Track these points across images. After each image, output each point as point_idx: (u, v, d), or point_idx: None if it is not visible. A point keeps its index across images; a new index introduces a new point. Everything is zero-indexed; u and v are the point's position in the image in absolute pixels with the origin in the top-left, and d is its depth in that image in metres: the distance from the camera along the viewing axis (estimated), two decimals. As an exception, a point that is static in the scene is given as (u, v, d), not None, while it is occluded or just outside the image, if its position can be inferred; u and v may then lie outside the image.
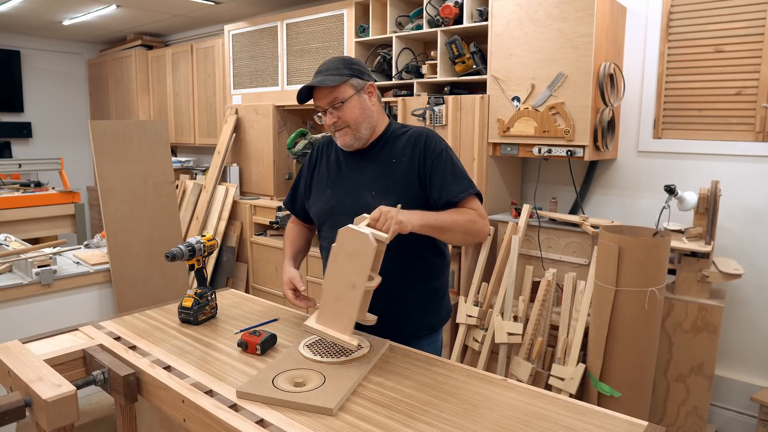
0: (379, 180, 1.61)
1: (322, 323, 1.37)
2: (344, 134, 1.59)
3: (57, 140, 6.54)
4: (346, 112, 1.57)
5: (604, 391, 2.32)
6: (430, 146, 1.60)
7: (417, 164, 1.59)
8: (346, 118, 1.57)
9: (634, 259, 2.21)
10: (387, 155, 1.63)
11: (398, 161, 1.61)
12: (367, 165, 1.64)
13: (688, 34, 2.81)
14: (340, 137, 1.61)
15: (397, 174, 1.59)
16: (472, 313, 2.90)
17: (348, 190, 1.65)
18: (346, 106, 1.56)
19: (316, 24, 3.94)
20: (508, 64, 2.94)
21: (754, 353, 2.76)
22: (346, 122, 1.57)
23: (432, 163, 1.58)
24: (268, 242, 4.16)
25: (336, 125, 1.58)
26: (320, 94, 1.56)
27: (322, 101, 1.57)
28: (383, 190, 1.59)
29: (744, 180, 2.71)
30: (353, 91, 1.57)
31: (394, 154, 1.62)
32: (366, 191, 1.61)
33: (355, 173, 1.66)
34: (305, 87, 1.56)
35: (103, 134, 2.77)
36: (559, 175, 3.27)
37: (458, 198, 1.54)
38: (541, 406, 1.19)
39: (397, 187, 1.58)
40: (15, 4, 4.71)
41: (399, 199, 1.53)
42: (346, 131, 1.59)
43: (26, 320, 2.41)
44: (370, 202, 1.57)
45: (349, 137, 1.60)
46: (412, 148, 1.61)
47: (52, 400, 1.16)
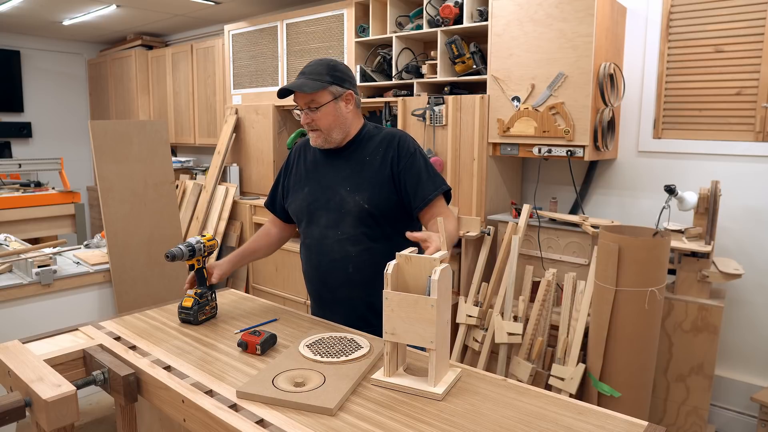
0: (354, 177, 1.70)
1: (442, 381, 1.28)
2: (317, 136, 1.69)
3: (57, 140, 6.54)
4: (320, 116, 1.65)
5: (604, 391, 2.32)
6: (403, 147, 1.69)
7: (389, 163, 1.68)
8: (319, 123, 1.66)
9: (634, 259, 2.21)
10: (361, 154, 1.72)
11: (371, 159, 1.70)
12: (342, 163, 1.73)
13: (688, 34, 2.81)
14: (312, 137, 1.70)
15: (370, 171, 1.69)
16: (472, 313, 2.90)
17: (324, 187, 1.73)
18: (320, 110, 1.64)
19: (316, 24, 3.94)
20: (508, 64, 2.94)
21: (754, 353, 2.76)
22: (319, 126, 1.66)
23: (405, 163, 1.67)
24: (268, 242, 4.16)
25: (310, 125, 1.67)
26: (299, 94, 1.64)
27: (300, 100, 1.65)
28: (357, 186, 1.68)
29: (744, 180, 2.71)
30: (330, 98, 1.65)
31: (368, 153, 1.71)
32: (341, 187, 1.70)
33: (330, 170, 1.74)
34: (284, 87, 1.63)
35: (103, 134, 2.77)
36: (559, 175, 3.27)
37: (431, 197, 1.65)
38: (541, 406, 1.19)
39: (370, 183, 1.67)
40: (15, 4, 4.71)
41: (372, 195, 1.66)
42: (318, 134, 1.68)
43: (26, 320, 2.41)
44: (344, 197, 1.68)
45: (321, 139, 1.69)
46: (385, 148, 1.70)
47: (52, 400, 1.16)
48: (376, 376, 1.29)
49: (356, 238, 1.67)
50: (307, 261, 1.79)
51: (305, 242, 1.78)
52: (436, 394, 1.22)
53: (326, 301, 1.79)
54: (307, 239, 1.76)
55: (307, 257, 1.79)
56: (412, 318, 1.22)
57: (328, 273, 1.73)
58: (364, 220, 1.66)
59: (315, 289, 1.82)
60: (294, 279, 3.97)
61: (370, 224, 1.67)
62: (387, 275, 1.26)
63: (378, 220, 1.67)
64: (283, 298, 4.04)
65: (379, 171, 1.68)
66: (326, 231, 1.70)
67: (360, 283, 1.68)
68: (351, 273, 1.68)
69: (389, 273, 1.26)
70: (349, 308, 1.73)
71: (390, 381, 1.27)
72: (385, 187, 1.67)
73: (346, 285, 1.70)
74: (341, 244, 1.68)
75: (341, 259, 1.68)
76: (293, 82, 1.63)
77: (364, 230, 1.66)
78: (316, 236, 1.73)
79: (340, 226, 1.68)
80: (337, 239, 1.68)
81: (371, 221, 1.67)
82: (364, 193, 1.66)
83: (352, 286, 1.70)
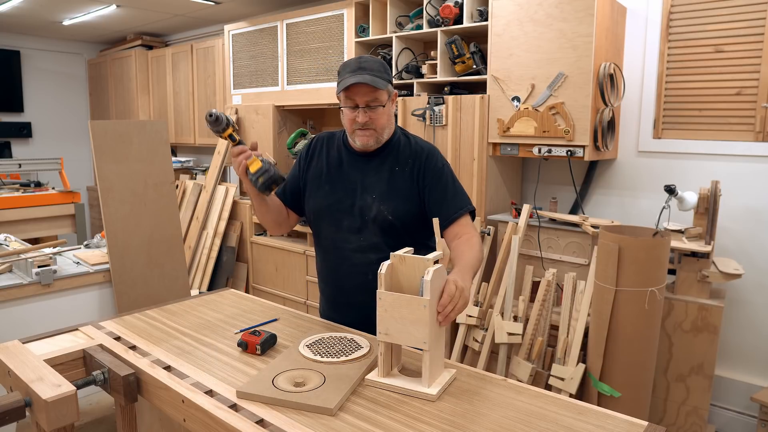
0: (382, 185, 1.65)
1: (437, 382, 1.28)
2: (368, 135, 1.61)
3: (57, 140, 6.54)
4: (378, 116, 1.60)
5: (604, 391, 2.32)
6: (431, 162, 1.66)
7: (417, 177, 1.65)
8: (376, 122, 1.60)
9: (634, 259, 2.21)
10: (392, 163, 1.68)
11: (401, 170, 1.66)
12: (372, 168, 1.68)
13: (688, 34, 2.81)
14: (362, 136, 1.61)
15: (399, 182, 1.65)
16: (472, 313, 2.90)
17: (348, 190, 1.67)
18: (380, 110, 1.59)
19: (316, 24, 3.94)
20: (508, 64, 2.94)
21: (754, 353, 2.76)
22: (375, 125, 1.60)
23: (431, 179, 1.65)
24: (268, 242, 4.16)
25: (365, 124, 1.59)
26: (362, 90, 1.56)
27: (360, 98, 1.57)
28: (385, 196, 1.64)
29: (744, 180, 2.71)
30: (387, 97, 1.61)
31: (399, 163, 1.67)
32: (367, 193, 1.65)
33: (357, 174, 1.68)
34: (360, 81, 1.53)
35: (103, 134, 2.77)
36: (559, 175, 3.27)
37: (455, 216, 1.63)
38: (541, 406, 1.19)
39: (397, 195, 1.64)
40: (15, 4, 4.71)
41: (398, 207, 1.63)
42: (371, 133, 1.61)
43: (26, 320, 2.41)
44: (369, 204, 1.64)
45: (372, 139, 1.62)
46: (415, 160, 1.67)
47: (52, 400, 1.16)
48: (370, 377, 1.29)
49: (378, 247, 1.63)
50: (324, 262, 1.76)
51: (321, 242, 1.74)
52: (430, 395, 1.21)
53: (340, 304, 1.75)
54: (325, 240, 1.72)
55: (323, 258, 1.76)
56: (406, 318, 1.22)
57: (346, 277, 1.69)
58: (387, 230, 1.63)
59: (330, 290, 1.78)
60: (294, 279, 3.98)
61: (392, 234, 1.64)
62: (380, 275, 1.26)
63: (399, 232, 1.65)
64: (283, 298, 4.04)
65: (407, 184, 1.65)
66: (347, 235, 1.66)
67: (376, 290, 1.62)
68: (370, 280, 1.62)
69: (383, 273, 1.26)
70: (364, 313, 1.65)
71: (383, 381, 1.27)
72: (410, 201, 1.65)
73: (363, 291, 1.65)
74: (363, 251, 1.65)
75: (361, 265, 1.65)
76: (363, 77, 1.53)
77: (387, 240, 1.63)
78: (335, 239, 1.69)
79: (362, 232, 1.64)
80: (359, 245, 1.65)
81: (393, 232, 1.64)
82: (391, 203, 1.63)
83: (369, 293, 1.59)
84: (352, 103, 1.58)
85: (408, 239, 1.64)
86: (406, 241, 1.60)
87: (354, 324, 1.66)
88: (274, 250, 4.12)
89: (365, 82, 1.52)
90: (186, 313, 1.76)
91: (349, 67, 1.58)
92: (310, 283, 3.83)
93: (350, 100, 1.58)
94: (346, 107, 1.60)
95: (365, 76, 1.53)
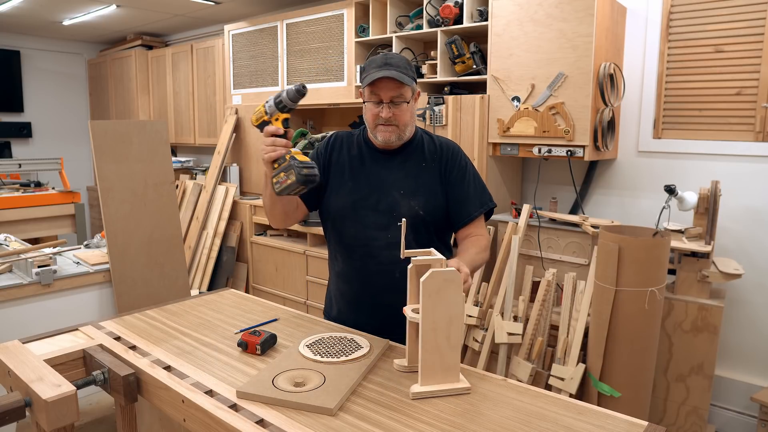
0: (408, 180, 1.65)
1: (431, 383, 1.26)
2: (390, 131, 1.60)
3: (57, 140, 6.54)
4: (402, 112, 1.59)
5: (604, 391, 2.31)
6: (456, 159, 1.69)
7: (442, 172, 1.67)
8: (400, 118, 1.59)
9: (634, 259, 2.21)
10: (417, 158, 1.68)
11: (427, 165, 1.67)
12: (396, 165, 1.67)
13: (688, 34, 2.81)
14: (384, 132, 1.60)
15: (425, 177, 1.66)
16: (472, 313, 2.90)
17: (373, 186, 1.65)
18: (404, 106, 1.58)
19: (316, 24, 3.94)
20: (508, 64, 2.94)
21: (754, 353, 2.76)
22: (398, 121, 1.59)
23: (455, 175, 1.67)
24: (268, 242, 4.16)
25: (389, 120, 1.58)
26: (387, 86, 1.55)
27: (385, 93, 1.55)
28: (412, 191, 1.63)
29: (744, 180, 2.71)
30: (411, 94, 1.60)
31: (424, 159, 1.68)
32: (394, 190, 1.63)
33: (382, 170, 1.66)
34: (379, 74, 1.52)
35: (103, 134, 2.77)
36: (559, 175, 3.27)
37: (475, 214, 1.67)
38: (541, 406, 1.19)
39: (425, 189, 1.64)
40: (15, 4, 4.71)
41: (428, 202, 1.63)
42: (394, 129, 1.60)
43: (26, 320, 2.41)
44: (398, 201, 1.62)
45: (395, 135, 1.61)
46: (440, 155, 1.68)
47: (52, 400, 1.16)
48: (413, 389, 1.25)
49: (407, 244, 1.56)
50: (347, 261, 1.70)
51: (343, 241, 1.68)
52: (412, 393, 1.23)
53: (364, 305, 1.69)
54: (347, 239, 1.67)
55: (346, 258, 1.69)
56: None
57: (374, 276, 1.65)
58: (416, 226, 1.61)
59: (354, 290, 1.71)
60: (294, 279, 3.97)
61: (420, 230, 1.62)
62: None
63: (428, 227, 1.64)
64: (283, 298, 4.04)
65: (434, 179, 1.66)
66: (374, 233, 1.62)
67: (404, 288, 1.51)
68: (398, 278, 1.57)
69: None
70: (388, 312, 1.59)
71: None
72: (438, 196, 1.65)
73: (390, 290, 1.60)
74: (391, 248, 1.60)
75: (389, 263, 1.59)
76: (390, 71, 1.52)
77: (415, 236, 1.61)
78: (361, 237, 1.64)
79: (390, 229, 1.61)
80: (387, 242, 1.61)
81: (422, 227, 1.63)
82: (420, 198, 1.62)
83: (396, 291, 1.56)
84: (376, 98, 1.56)
85: (434, 236, 1.66)
86: (432, 238, 1.64)
87: (378, 324, 1.62)
88: (274, 250, 4.12)
89: (392, 76, 1.51)
90: (186, 313, 1.76)
91: (375, 63, 1.56)
92: (310, 283, 3.83)
93: (375, 95, 1.56)
94: (370, 102, 1.58)
95: (392, 71, 1.52)
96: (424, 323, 1.23)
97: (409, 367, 1.35)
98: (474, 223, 1.67)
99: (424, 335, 1.23)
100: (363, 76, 1.58)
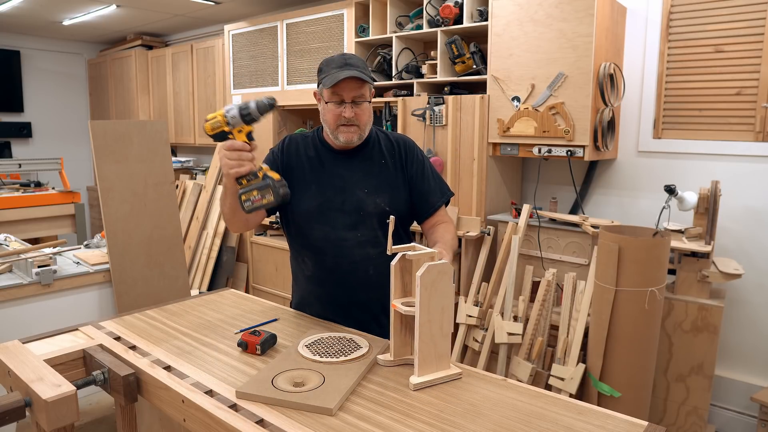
0: (370, 179, 1.68)
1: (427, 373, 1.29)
2: (352, 132, 1.62)
3: (57, 140, 6.54)
4: (363, 111, 1.62)
5: (604, 391, 2.32)
6: (411, 152, 1.74)
7: (401, 167, 1.72)
8: (361, 118, 1.62)
9: (634, 259, 2.21)
10: (376, 156, 1.71)
11: (386, 162, 1.71)
12: (356, 164, 1.70)
13: (688, 34, 2.81)
14: (346, 132, 1.62)
15: (387, 174, 1.70)
16: (472, 313, 2.90)
17: (337, 188, 1.67)
18: (365, 105, 1.61)
19: (316, 24, 3.94)
20: (508, 64, 2.94)
21: (754, 353, 2.76)
22: (359, 121, 1.61)
23: (416, 169, 1.72)
24: (268, 242, 4.16)
25: (351, 120, 1.60)
26: (350, 86, 1.56)
27: (348, 93, 1.57)
28: (376, 188, 1.67)
29: (744, 180, 2.71)
30: (369, 93, 1.63)
31: (383, 156, 1.71)
32: (357, 188, 1.67)
33: (343, 171, 1.69)
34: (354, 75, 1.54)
35: (103, 134, 2.77)
36: (559, 175, 3.27)
37: (438, 204, 1.74)
38: (541, 406, 1.19)
39: (389, 185, 1.69)
40: (15, 4, 4.71)
41: (392, 197, 1.67)
42: (355, 129, 1.62)
43: (26, 320, 2.41)
44: (363, 199, 1.66)
45: (356, 135, 1.63)
46: (399, 151, 1.73)
47: (52, 400, 1.16)
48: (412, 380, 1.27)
49: (376, 240, 1.65)
50: (318, 264, 1.71)
51: (313, 244, 1.69)
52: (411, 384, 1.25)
53: (341, 305, 1.72)
54: (317, 241, 1.67)
55: (317, 260, 1.70)
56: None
57: (348, 275, 1.68)
58: (384, 222, 1.62)
59: (328, 292, 1.73)
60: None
61: (387, 225, 1.63)
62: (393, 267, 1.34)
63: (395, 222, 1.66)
64: (283, 298, 4.04)
65: (395, 174, 1.70)
66: (344, 233, 1.64)
67: (377, 284, 1.62)
68: (371, 275, 1.66)
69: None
70: (364, 309, 1.69)
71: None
72: (401, 190, 1.70)
73: (365, 287, 1.67)
74: (362, 246, 1.65)
75: (361, 261, 1.65)
76: (353, 71, 1.54)
77: (384, 232, 1.63)
78: (331, 238, 1.65)
79: (359, 228, 1.65)
80: (357, 241, 1.65)
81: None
82: (384, 195, 1.66)
83: (371, 288, 1.67)
84: (338, 99, 1.58)
85: (401, 230, 1.71)
86: (399, 232, 1.68)
87: (354, 322, 1.66)
88: (274, 250, 4.12)
89: (357, 76, 1.53)
90: (186, 313, 1.76)
91: (334, 63, 1.58)
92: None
93: (337, 95, 1.58)
94: (332, 102, 1.59)
95: (354, 71, 1.55)
96: (421, 315, 1.25)
97: (394, 361, 1.37)
98: (438, 212, 1.73)
99: (421, 327, 1.25)
100: (322, 77, 1.60)
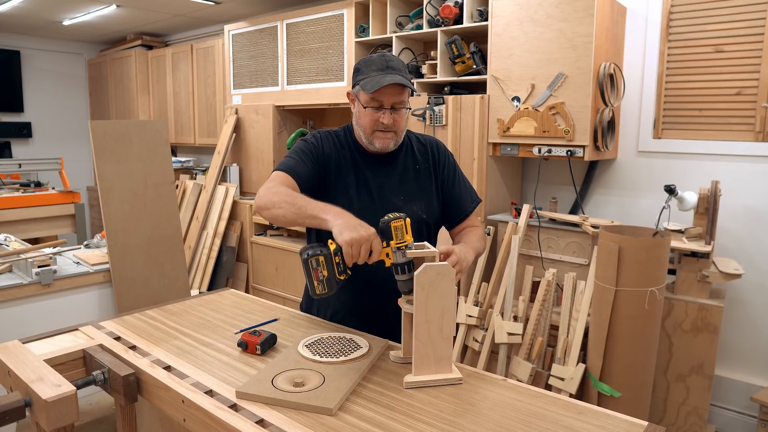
0: (406, 185, 1.64)
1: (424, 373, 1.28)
2: (389, 138, 1.56)
3: (57, 140, 6.54)
4: (401, 117, 1.56)
5: (604, 391, 2.31)
6: (443, 157, 1.70)
7: (433, 172, 1.67)
8: (399, 124, 1.56)
9: (634, 259, 2.21)
10: (410, 162, 1.67)
11: (421, 168, 1.67)
12: (391, 170, 1.64)
13: (688, 34, 2.81)
14: (383, 139, 1.56)
15: (421, 180, 1.66)
16: (472, 313, 2.90)
17: (373, 194, 1.61)
18: (403, 111, 1.55)
19: (316, 24, 3.94)
20: (508, 64, 2.94)
21: (754, 353, 2.76)
22: (397, 127, 1.56)
23: (448, 173, 1.69)
24: (268, 242, 4.16)
25: (388, 126, 1.53)
26: (391, 91, 1.49)
27: (389, 99, 1.50)
28: (412, 196, 1.63)
29: (744, 180, 2.71)
30: (407, 98, 1.57)
31: (417, 161, 1.67)
32: (394, 196, 1.61)
33: (379, 177, 1.63)
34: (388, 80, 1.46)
35: (103, 134, 2.77)
36: (559, 175, 3.27)
37: (469, 210, 1.70)
38: (541, 406, 1.19)
39: (424, 193, 1.65)
40: (15, 4, 4.72)
41: (429, 204, 1.64)
42: (392, 136, 1.56)
43: (26, 320, 2.41)
44: (400, 208, 1.58)
45: (392, 142, 1.58)
46: (431, 155, 1.69)
47: (52, 400, 1.16)
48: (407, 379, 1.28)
49: None
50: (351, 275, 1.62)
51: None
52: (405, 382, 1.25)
53: (374, 314, 1.63)
54: None
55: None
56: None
57: (383, 284, 1.57)
58: (420, 230, 1.60)
59: (361, 301, 1.65)
60: (294, 279, 3.97)
61: (423, 232, 1.61)
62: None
63: (430, 229, 1.64)
64: (283, 298, 4.04)
65: (430, 180, 1.65)
66: None
67: (382, 295, 1.54)
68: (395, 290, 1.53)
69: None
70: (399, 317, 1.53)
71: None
72: (434, 197, 1.66)
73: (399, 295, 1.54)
74: None
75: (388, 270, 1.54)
76: (395, 77, 1.46)
77: (419, 238, 1.56)
78: None
79: None
80: None
81: (424, 229, 1.62)
82: (420, 202, 1.62)
83: (375, 298, 1.60)
84: (377, 104, 1.51)
85: (433, 234, 1.67)
86: (431, 237, 1.65)
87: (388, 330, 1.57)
88: (274, 250, 4.12)
89: (401, 83, 1.45)
90: (186, 313, 1.76)
91: (375, 65, 1.50)
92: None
93: (376, 100, 1.51)
94: (370, 107, 1.52)
95: (397, 76, 1.47)
96: (418, 315, 1.25)
97: (405, 358, 1.37)
98: (469, 217, 1.71)
99: (418, 327, 1.26)
100: (361, 78, 1.52)
